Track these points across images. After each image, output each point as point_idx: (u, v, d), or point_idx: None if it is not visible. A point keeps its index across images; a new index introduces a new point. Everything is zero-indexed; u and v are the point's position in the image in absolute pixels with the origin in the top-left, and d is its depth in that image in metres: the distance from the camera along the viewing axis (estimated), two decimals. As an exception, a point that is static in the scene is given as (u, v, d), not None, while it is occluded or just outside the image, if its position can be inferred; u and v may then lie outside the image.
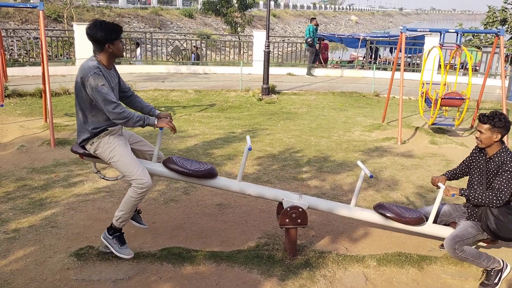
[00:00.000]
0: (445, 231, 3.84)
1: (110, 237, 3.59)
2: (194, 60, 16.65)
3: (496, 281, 3.58)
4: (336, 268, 3.74)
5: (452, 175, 4.05)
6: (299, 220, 3.69)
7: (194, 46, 17.52)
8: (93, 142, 3.52)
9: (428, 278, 3.68)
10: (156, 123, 3.59)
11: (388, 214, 3.80)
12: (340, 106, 11.01)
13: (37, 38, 17.19)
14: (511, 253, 4.09)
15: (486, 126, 3.60)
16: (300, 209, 3.68)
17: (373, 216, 3.90)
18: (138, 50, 15.69)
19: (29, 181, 5.46)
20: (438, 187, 3.82)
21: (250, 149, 3.70)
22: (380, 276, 3.67)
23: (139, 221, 4.05)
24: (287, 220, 3.69)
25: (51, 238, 4.08)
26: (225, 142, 7.48)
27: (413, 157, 6.97)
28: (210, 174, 3.76)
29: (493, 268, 3.60)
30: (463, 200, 3.95)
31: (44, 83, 7.44)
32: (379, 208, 3.89)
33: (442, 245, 4.16)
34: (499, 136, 3.59)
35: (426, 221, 3.84)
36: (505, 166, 3.53)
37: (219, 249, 3.99)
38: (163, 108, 10.04)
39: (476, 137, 3.69)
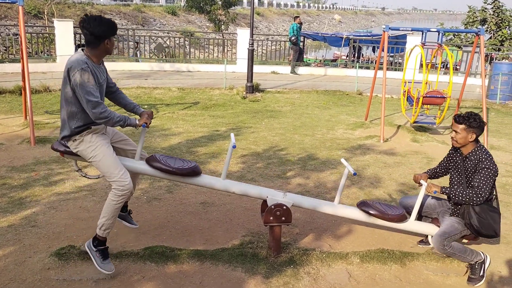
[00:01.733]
0: (428, 228, 3.89)
1: (94, 249, 3.46)
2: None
3: (481, 273, 3.67)
4: (320, 265, 3.75)
5: (433, 174, 4.13)
6: (283, 218, 3.69)
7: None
8: (75, 139, 3.44)
9: (411, 274, 3.72)
10: (137, 122, 3.51)
11: (371, 212, 3.83)
12: (323, 104, 11.07)
13: (16, 34, 16.84)
14: (488, 246, 4.16)
15: (462, 126, 3.68)
16: (284, 207, 3.68)
17: (356, 214, 3.93)
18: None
19: (9, 180, 5.35)
20: (420, 184, 3.86)
21: (234, 146, 3.67)
22: (363, 273, 3.70)
23: (130, 221, 3.99)
24: (271, 218, 3.69)
25: (31, 238, 4.00)
26: (209, 140, 7.44)
27: (395, 154, 7.04)
28: (194, 172, 3.72)
29: (477, 261, 3.68)
30: None
31: (24, 80, 7.30)
32: (362, 205, 3.92)
33: (420, 241, 4.23)
34: (474, 136, 3.67)
35: (409, 216, 3.88)
36: (482, 164, 3.60)
37: (203, 247, 3.97)
38: (146, 106, 9.95)
39: (452, 137, 3.77)
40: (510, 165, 6.66)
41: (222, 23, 22.97)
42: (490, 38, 21.10)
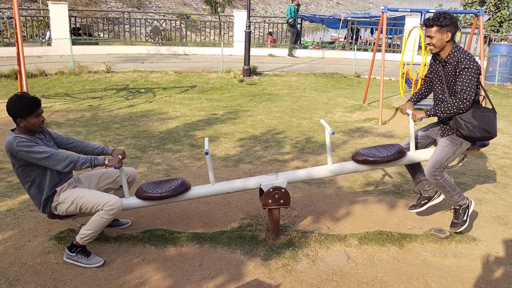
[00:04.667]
0: (430, 152, 3.83)
1: (73, 254, 3.41)
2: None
3: (464, 218, 3.72)
4: (319, 247, 3.77)
5: (419, 97, 4.02)
6: (281, 201, 3.70)
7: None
8: (55, 208, 3.45)
9: (408, 255, 3.74)
10: (106, 162, 3.45)
11: (370, 159, 3.77)
12: (321, 87, 11.02)
13: (11, 17, 16.62)
14: (485, 227, 4.19)
15: (434, 28, 3.51)
16: (282, 190, 3.68)
17: (355, 166, 3.87)
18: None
19: (7, 164, 5.33)
20: (407, 114, 3.82)
21: (207, 153, 3.63)
22: (362, 254, 3.72)
23: (119, 224, 3.98)
24: (269, 201, 3.69)
25: (30, 222, 4.01)
26: (206, 124, 7.42)
27: (393, 137, 7.04)
28: (183, 189, 3.70)
29: (461, 206, 3.71)
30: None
31: (19, 64, 7.23)
32: (358, 156, 3.84)
33: (411, 206, 4.17)
34: (450, 34, 3.51)
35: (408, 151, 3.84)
36: (461, 65, 3.45)
37: (202, 230, 3.99)
38: (143, 90, 9.90)
39: (427, 44, 3.60)
40: (508, 147, 6.67)
41: (218, 5, 22.72)
42: (489, 19, 20.96)
